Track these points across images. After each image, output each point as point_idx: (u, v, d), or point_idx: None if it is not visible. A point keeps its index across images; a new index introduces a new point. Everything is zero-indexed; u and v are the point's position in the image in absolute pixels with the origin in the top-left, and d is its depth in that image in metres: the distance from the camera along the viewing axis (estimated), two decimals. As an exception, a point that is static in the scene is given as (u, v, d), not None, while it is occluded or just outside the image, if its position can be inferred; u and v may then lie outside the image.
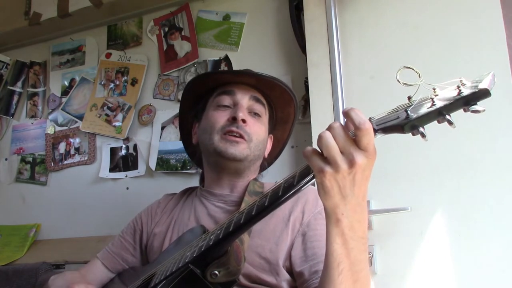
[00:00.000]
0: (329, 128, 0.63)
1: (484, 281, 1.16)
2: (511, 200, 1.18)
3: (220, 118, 1.09)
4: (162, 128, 1.86)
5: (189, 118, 1.24)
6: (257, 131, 1.09)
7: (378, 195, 1.29)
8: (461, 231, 1.21)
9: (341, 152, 0.62)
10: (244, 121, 1.06)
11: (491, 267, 1.16)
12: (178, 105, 1.83)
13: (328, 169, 0.62)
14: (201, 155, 1.18)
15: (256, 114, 1.12)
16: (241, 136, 1.05)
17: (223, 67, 1.80)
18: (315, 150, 0.64)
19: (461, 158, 1.24)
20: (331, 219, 0.67)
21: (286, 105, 1.19)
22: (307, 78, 1.49)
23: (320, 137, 0.63)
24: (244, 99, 1.11)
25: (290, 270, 0.96)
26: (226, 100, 1.12)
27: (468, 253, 1.19)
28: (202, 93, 1.19)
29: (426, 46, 1.35)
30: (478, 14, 1.31)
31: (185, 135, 1.27)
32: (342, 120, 1.39)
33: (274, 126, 1.22)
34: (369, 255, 1.22)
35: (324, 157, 0.63)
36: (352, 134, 0.62)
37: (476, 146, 1.23)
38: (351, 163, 0.61)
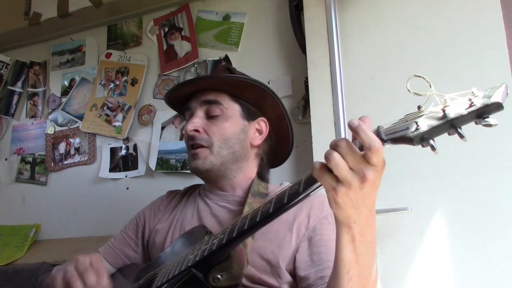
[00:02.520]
0: (336, 147, 0.61)
1: (484, 281, 1.17)
2: (511, 200, 1.18)
3: (184, 137, 1.12)
4: (162, 128, 1.86)
5: None
6: (217, 131, 1.07)
7: (378, 195, 1.28)
8: (461, 231, 1.21)
9: (351, 169, 0.61)
10: (197, 131, 1.07)
11: (491, 267, 1.17)
12: (178, 105, 1.85)
13: (340, 188, 0.61)
14: None
15: (214, 116, 1.08)
16: (200, 146, 1.06)
17: (223, 67, 1.80)
18: (324, 167, 0.62)
19: (461, 158, 1.24)
20: (342, 227, 0.67)
21: (238, 87, 1.10)
22: (307, 78, 1.49)
23: (328, 159, 0.61)
24: (197, 109, 1.10)
25: (294, 274, 0.96)
26: (187, 115, 1.13)
27: (468, 253, 1.19)
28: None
29: (426, 46, 1.35)
30: (478, 14, 1.31)
31: None
32: (341, 120, 1.39)
33: (260, 108, 1.14)
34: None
35: (335, 175, 0.61)
36: (358, 146, 0.61)
37: (476, 146, 1.23)
38: (363, 179, 0.60)
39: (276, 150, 1.20)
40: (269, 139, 1.16)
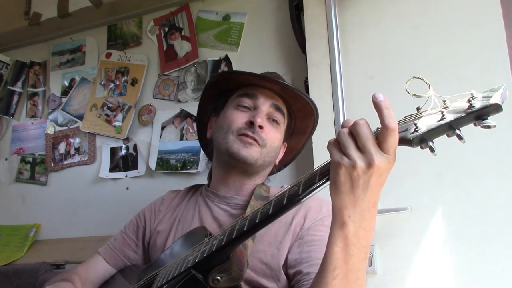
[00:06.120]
0: (354, 124, 0.63)
1: (484, 281, 1.16)
2: (511, 201, 1.18)
3: (238, 119, 1.08)
4: (162, 128, 1.86)
5: (207, 111, 1.23)
6: (272, 138, 1.09)
7: (378, 195, 1.29)
8: (461, 231, 1.21)
9: (361, 151, 0.61)
10: (261, 127, 1.06)
11: (491, 267, 1.16)
12: (178, 105, 1.85)
13: (345, 162, 0.62)
14: (213, 150, 1.18)
15: (274, 121, 1.11)
16: (255, 140, 1.05)
17: (223, 67, 1.80)
18: (337, 142, 0.64)
19: (461, 158, 1.24)
20: (337, 221, 0.65)
21: (306, 117, 1.19)
22: (307, 78, 1.49)
23: (338, 135, 0.64)
24: (265, 105, 1.10)
25: (287, 274, 0.96)
26: (247, 102, 1.11)
27: (468, 253, 1.19)
28: (224, 89, 1.18)
29: (426, 46, 1.35)
30: (478, 14, 1.31)
31: (201, 128, 1.26)
32: (341, 120, 1.39)
33: (290, 136, 1.22)
34: (369, 255, 1.22)
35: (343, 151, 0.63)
36: (375, 133, 0.62)
37: (476, 146, 1.23)
38: (370, 163, 0.60)
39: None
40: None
